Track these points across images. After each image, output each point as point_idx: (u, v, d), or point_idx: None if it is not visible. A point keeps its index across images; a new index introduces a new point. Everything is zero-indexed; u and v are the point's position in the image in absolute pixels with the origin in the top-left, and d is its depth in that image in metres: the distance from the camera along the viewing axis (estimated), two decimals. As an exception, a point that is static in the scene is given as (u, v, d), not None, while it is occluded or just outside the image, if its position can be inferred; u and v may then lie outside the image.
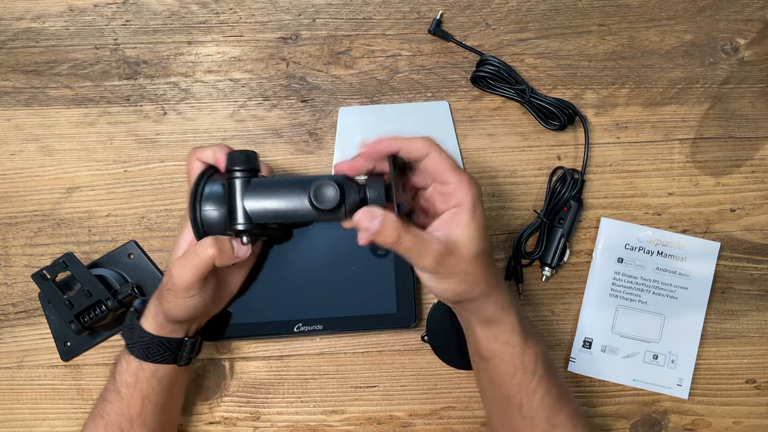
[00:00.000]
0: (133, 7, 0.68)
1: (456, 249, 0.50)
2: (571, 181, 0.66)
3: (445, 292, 0.52)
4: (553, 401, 0.54)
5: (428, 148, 0.51)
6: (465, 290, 0.51)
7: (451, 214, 0.51)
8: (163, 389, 0.57)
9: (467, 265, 0.50)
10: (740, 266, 0.67)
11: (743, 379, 0.66)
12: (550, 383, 0.54)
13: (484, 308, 0.53)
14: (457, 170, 0.51)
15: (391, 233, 0.48)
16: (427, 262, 0.49)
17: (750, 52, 0.69)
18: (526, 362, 0.53)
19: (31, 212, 0.67)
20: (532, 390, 0.53)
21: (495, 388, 0.55)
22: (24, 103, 0.68)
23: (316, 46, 0.68)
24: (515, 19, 0.69)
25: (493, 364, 0.54)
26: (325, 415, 0.66)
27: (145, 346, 0.56)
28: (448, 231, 0.50)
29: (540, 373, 0.54)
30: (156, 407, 0.57)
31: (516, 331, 0.53)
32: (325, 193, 0.51)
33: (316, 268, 0.64)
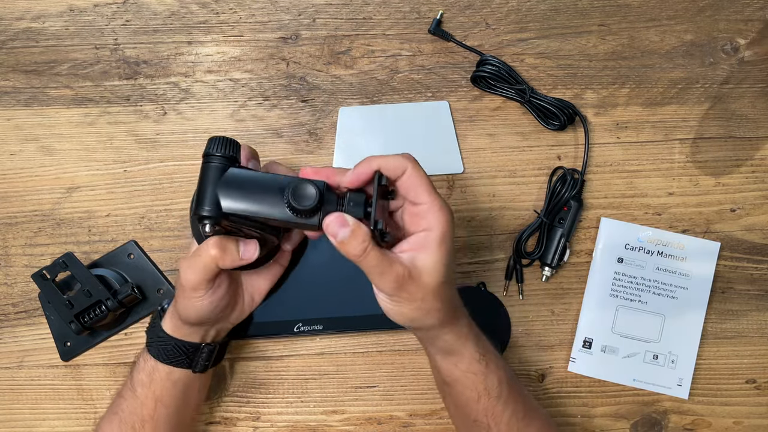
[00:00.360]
0: (133, 7, 0.68)
1: (417, 275, 0.48)
2: (571, 181, 0.66)
3: (398, 316, 0.50)
4: (520, 421, 0.54)
5: (406, 164, 0.49)
6: (418, 317, 0.50)
7: (420, 239, 0.49)
8: (177, 393, 0.56)
9: (425, 293, 0.48)
10: (740, 266, 0.67)
11: (743, 379, 0.66)
12: (516, 404, 0.54)
13: (439, 338, 0.52)
14: (431, 192, 0.49)
15: (358, 245, 0.46)
16: (387, 284, 0.48)
17: (750, 52, 0.69)
18: (489, 387, 0.53)
19: (31, 212, 0.67)
20: (499, 413, 0.53)
21: (461, 411, 0.55)
22: (24, 103, 0.68)
23: (316, 46, 0.68)
24: (515, 19, 0.69)
25: (457, 390, 0.54)
26: (325, 415, 0.66)
27: (162, 346, 0.55)
28: (413, 255, 0.49)
29: (504, 396, 0.53)
30: (168, 411, 0.56)
31: (475, 359, 0.52)
32: (305, 192, 0.47)
33: (316, 268, 0.64)
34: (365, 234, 0.47)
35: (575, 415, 0.66)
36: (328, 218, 0.47)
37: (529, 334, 0.66)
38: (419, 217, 0.49)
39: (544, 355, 0.66)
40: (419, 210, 0.49)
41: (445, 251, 0.49)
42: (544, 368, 0.66)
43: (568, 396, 0.66)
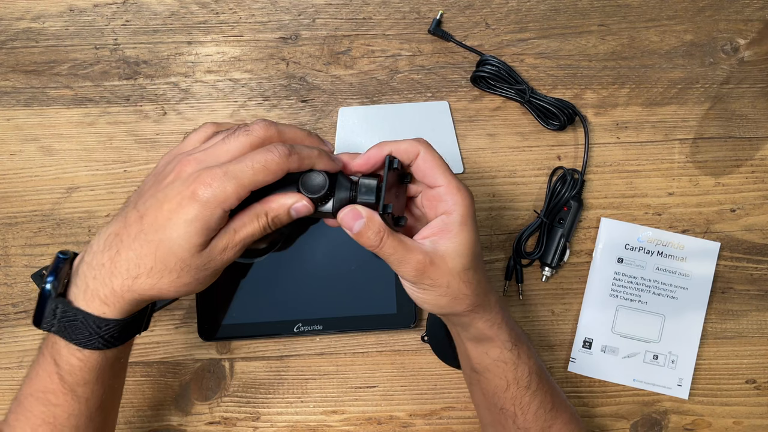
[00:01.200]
0: (133, 7, 0.68)
1: (440, 261, 0.48)
2: (571, 181, 0.66)
3: (425, 304, 0.50)
4: (548, 413, 0.54)
5: (417, 149, 0.49)
6: (447, 304, 0.49)
7: (440, 223, 0.48)
8: (121, 367, 0.51)
9: (450, 278, 0.48)
10: (740, 266, 0.67)
11: (743, 379, 0.66)
12: (545, 396, 0.54)
13: (471, 325, 0.51)
14: (447, 174, 0.49)
15: (374, 236, 0.46)
16: (407, 271, 0.47)
17: (750, 52, 0.69)
18: (519, 377, 0.52)
19: (31, 212, 0.67)
20: (527, 404, 0.53)
21: (488, 399, 0.55)
22: (24, 103, 0.68)
23: (316, 46, 0.68)
24: (515, 19, 0.69)
25: (486, 378, 0.53)
26: (325, 415, 0.66)
27: (108, 335, 0.47)
28: (435, 240, 0.48)
29: (534, 387, 0.53)
30: (114, 391, 0.51)
31: (507, 347, 0.52)
32: (314, 180, 0.48)
33: (316, 268, 0.64)
34: (379, 224, 0.47)
35: (575, 415, 0.66)
36: (342, 212, 0.47)
37: (529, 334, 0.66)
38: (437, 201, 0.49)
39: (544, 355, 0.66)
40: (436, 193, 0.49)
41: (468, 234, 0.48)
42: (544, 368, 0.66)
43: (568, 396, 0.66)
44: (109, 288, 0.46)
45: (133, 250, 0.46)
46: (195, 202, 0.44)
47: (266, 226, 0.47)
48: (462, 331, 0.53)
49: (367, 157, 0.49)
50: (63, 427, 0.48)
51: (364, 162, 0.49)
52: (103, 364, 0.48)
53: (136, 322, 0.49)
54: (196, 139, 0.51)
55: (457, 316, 0.51)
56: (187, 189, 0.45)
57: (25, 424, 0.48)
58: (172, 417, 0.65)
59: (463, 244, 0.48)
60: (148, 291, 0.46)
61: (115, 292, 0.46)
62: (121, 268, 0.46)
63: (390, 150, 0.48)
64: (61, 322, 0.46)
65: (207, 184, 0.44)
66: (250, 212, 0.47)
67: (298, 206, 0.48)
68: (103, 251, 0.47)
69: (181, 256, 0.45)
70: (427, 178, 0.49)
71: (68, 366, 0.47)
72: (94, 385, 0.48)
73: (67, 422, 0.48)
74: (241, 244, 0.47)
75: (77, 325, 0.46)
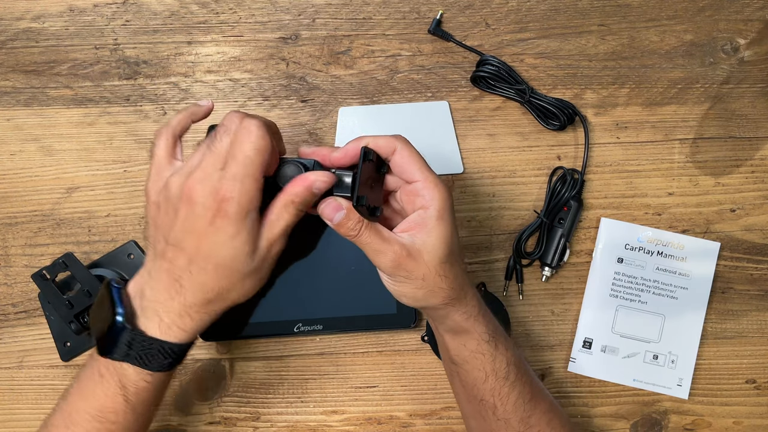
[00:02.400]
0: (133, 7, 0.68)
1: (416, 254, 0.48)
2: (571, 181, 0.66)
3: (402, 296, 0.51)
4: (527, 403, 0.54)
5: (394, 145, 0.50)
6: (423, 297, 0.50)
7: (417, 217, 0.49)
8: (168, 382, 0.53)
9: (426, 271, 0.49)
10: (740, 266, 0.67)
11: (743, 379, 0.66)
12: (524, 386, 0.54)
13: (448, 317, 0.52)
14: (424, 169, 0.50)
15: (353, 226, 0.48)
16: (384, 262, 0.48)
17: (750, 52, 0.69)
18: (497, 368, 0.53)
19: (31, 212, 0.67)
20: (506, 394, 0.53)
21: (468, 391, 0.55)
22: (24, 103, 0.68)
23: (316, 46, 0.68)
24: (515, 19, 0.69)
25: (464, 369, 0.54)
26: (325, 415, 0.66)
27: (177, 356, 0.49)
28: (412, 234, 0.49)
29: (512, 378, 0.53)
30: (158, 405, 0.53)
31: (484, 339, 0.52)
32: (286, 171, 0.50)
33: (316, 268, 0.64)
34: (358, 215, 0.48)
35: (575, 415, 0.66)
36: (323, 203, 0.49)
37: (529, 334, 0.66)
38: (414, 195, 0.50)
39: (544, 355, 0.66)
40: (414, 188, 0.50)
41: (445, 228, 0.49)
42: (544, 368, 0.66)
43: (568, 396, 0.66)
44: (187, 318, 0.49)
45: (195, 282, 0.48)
46: (227, 217, 0.46)
47: (299, 211, 0.50)
48: (440, 323, 0.53)
49: (345, 150, 0.50)
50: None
51: (343, 155, 0.50)
52: (167, 381, 0.52)
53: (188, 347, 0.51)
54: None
55: (433, 309, 0.51)
56: (212, 210, 0.46)
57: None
58: (172, 417, 0.65)
59: (439, 238, 0.49)
60: (223, 308, 0.50)
61: (194, 319, 0.49)
62: (191, 299, 0.48)
63: (367, 143, 0.50)
64: (136, 351, 0.48)
65: (228, 196, 0.46)
66: (278, 204, 0.49)
67: (318, 183, 0.49)
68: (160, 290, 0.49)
69: (241, 270, 0.48)
70: (405, 173, 0.50)
71: (135, 388, 0.49)
72: (153, 402, 0.51)
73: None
74: (283, 235, 0.50)
75: (153, 353, 0.48)
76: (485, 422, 0.55)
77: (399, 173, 0.51)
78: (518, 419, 0.54)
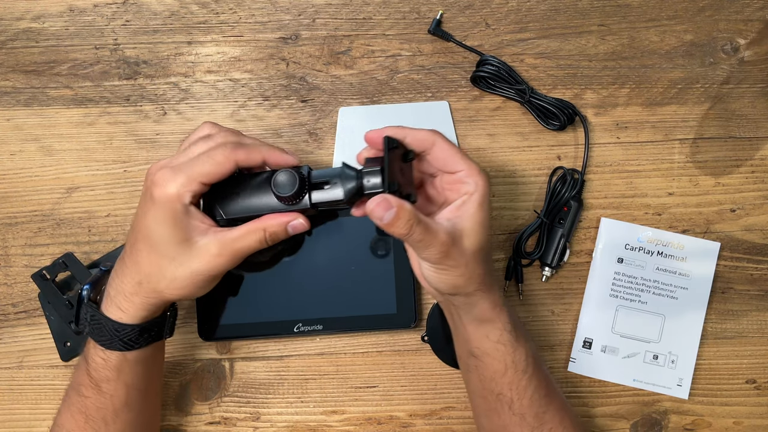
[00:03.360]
0: (133, 7, 0.68)
1: (459, 240, 0.49)
2: (571, 181, 0.66)
3: (442, 284, 0.51)
4: (542, 398, 0.54)
5: (433, 139, 0.52)
6: (463, 284, 0.51)
7: (461, 203, 0.51)
8: (147, 370, 0.55)
9: (468, 258, 0.50)
10: (740, 266, 0.67)
11: (743, 380, 0.66)
12: (540, 381, 0.54)
13: (477, 305, 0.52)
14: (466, 158, 0.51)
15: (404, 224, 0.47)
16: (433, 254, 0.49)
17: (750, 52, 0.69)
18: (517, 360, 0.53)
19: (31, 212, 0.67)
20: (523, 388, 0.54)
21: (485, 385, 0.55)
22: (24, 103, 0.68)
23: (316, 46, 0.68)
24: (515, 19, 0.69)
25: (484, 362, 0.54)
26: (325, 415, 0.66)
27: (126, 338, 0.52)
28: (454, 220, 0.50)
29: (530, 371, 0.54)
30: (140, 391, 0.55)
31: (507, 329, 0.53)
32: (283, 181, 0.51)
33: (316, 268, 0.64)
34: (409, 213, 0.48)
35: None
36: (371, 203, 0.48)
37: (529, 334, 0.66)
38: (458, 183, 0.51)
39: (544, 355, 0.66)
40: (458, 177, 0.51)
41: (485, 214, 0.51)
42: (544, 368, 0.66)
43: (568, 396, 0.66)
44: (122, 295, 0.52)
45: (132, 259, 0.51)
46: (155, 203, 0.49)
47: (263, 241, 0.52)
48: (465, 313, 0.53)
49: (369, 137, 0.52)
50: (93, 418, 0.53)
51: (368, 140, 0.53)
52: (124, 365, 0.53)
53: (154, 328, 0.53)
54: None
55: (466, 296, 0.52)
56: (147, 193, 0.50)
57: (67, 410, 0.55)
58: (172, 417, 0.65)
59: (480, 224, 0.50)
60: (151, 294, 0.51)
61: (127, 298, 0.51)
62: (127, 277, 0.51)
63: (405, 136, 0.52)
64: (90, 324, 0.52)
65: (160, 184, 0.49)
66: (249, 225, 0.52)
67: (294, 223, 0.52)
68: (115, 266, 0.53)
69: (168, 256, 0.50)
70: (448, 165, 0.52)
71: (94, 363, 0.53)
72: (116, 383, 0.53)
73: (96, 414, 0.53)
74: (236, 254, 0.51)
75: (102, 328, 0.52)
76: (499, 418, 0.55)
77: (441, 166, 0.52)
78: (533, 414, 0.54)
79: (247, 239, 0.51)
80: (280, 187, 0.51)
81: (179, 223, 0.50)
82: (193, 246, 0.50)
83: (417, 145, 0.52)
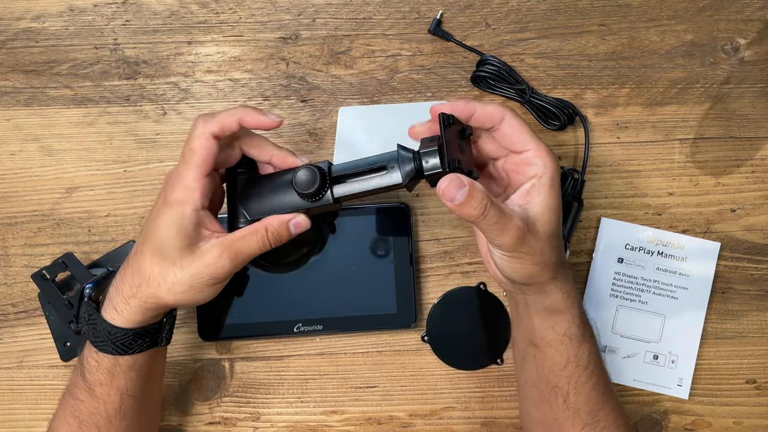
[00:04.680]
0: (133, 7, 0.68)
1: (533, 227, 0.47)
2: (572, 181, 0.66)
3: (516, 273, 0.49)
4: (600, 395, 0.53)
5: (503, 113, 0.49)
6: (537, 273, 0.48)
7: (530, 186, 0.48)
8: (142, 378, 0.53)
9: (543, 245, 0.47)
10: (740, 266, 0.67)
11: (743, 380, 0.66)
12: (599, 378, 0.53)
13: (549, 295, 0.50)
14: (535, 138, 0.49)
15: (478, 205, 0.44)
16: (507, 240, 0.46)
17: (750, 52, 0.69)
18: (580, 355, 0.51)
19: (30, 212, 0.67)
20: (582, 383, 0.52)
21: (541, 376, 0.53)
22: (24, 103, 0.68)
23: (316, 46, 0.68)
24: (515, 18, 0.69)
25: (545, 353, 0.52)
26: (325, 415, 0.66)
27: (119, 342, 0.50)
28: (525, 205, 0.47)
29: (591, 368, 0.52)
30: (135, 399, 0.53)
31: (576, 323, 0.51)
32: (302, 177, 0.50)
33: (315, 268, 0.64)
34: (482, 192, 0.45)
35: (575, 415, 0.66)
36: (443, 183, 0.45)
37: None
38: (526, 165, 0.49)
39: (544, 355, 0.66)
40: (525, 158, 0.49)
41: (557, 197, 0.48)
42: (544, 368, 0.66)
43: (568, 396, 0.66)
44: (120, 297, 0.50)
45: (136, 260, 0.50)
46: (166, 204, 0.49)
47: (265, 242, 0.50)
48: (534, 302, 0.51)
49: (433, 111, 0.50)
50: (86, 423, 0.52)
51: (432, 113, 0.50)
52: (116, 369, 0.51)
53: (149, 334, 0.52)
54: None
55: (539, 285, 0.50)
56: (160, 197, 0.50)
57: (61, 413, 0.53)
58: (172, 417, 0.65)
59: (552, 208, 0.48)
60: (150, 299, 0.50)
61: (124, 300, 0.50)
62: (127, 279, 0.50)
63: (474, 110, 0.49)
64: (88, 324, 0.51)
65: (170, 189, 0.49)
66: (250, 227, 0.51)
67: (296, 221, 0.51)
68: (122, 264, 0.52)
69: (170, 260, 0.49)
70: (515, 143, 0.49)
71: (88, 365, 0.52)
72: (109, 387, 0.51)
73: (89, 419, 0.52)
74: (238, 255, 0.50)
75: (97, 328, 0.51)
76: (551, 410, 0.53)
77: (508, 144, 0.49)
78: (588, 410, 0.52)
79: (249, 240, 0.50)
80: (300, 184, 0.50)
81: (187, 228, 0.49)
82: (196, 251, 0.49)
83: (486, 120, 0.49)
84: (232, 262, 0.50)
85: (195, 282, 0.50)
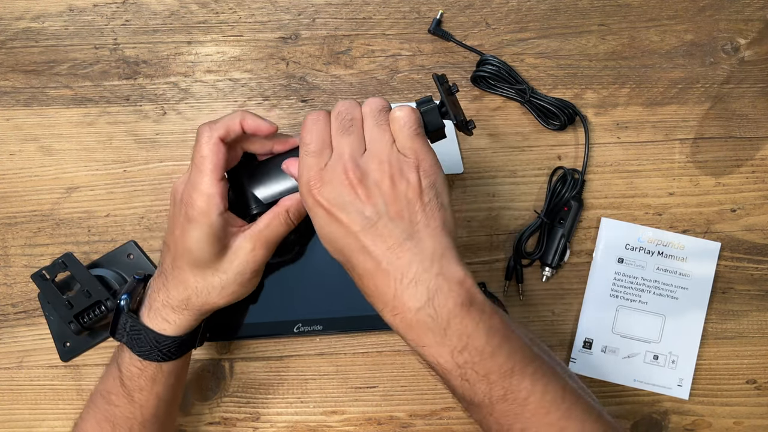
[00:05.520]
0: (133, 7, 0.68)
1: None
2: (572, 181, 0.66)
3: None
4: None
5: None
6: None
7: None
8: (176, 381, 0.56)
9: None
10: (741, 266, 0.67)
11: (743, 380, 0.66)
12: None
13: None
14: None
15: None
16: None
17: (750, 52, 0.69)
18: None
19: (30, 212, 0.67)
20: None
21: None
22: (23, 103, 0.68)
23: (316, 46, 0.68)
24: (515, 18, 0.69)
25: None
26: (324, 415, 0.66)
27: (165, 349, 0.53)
28: None
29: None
30: (167, 403, 0.55)
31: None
32: None
33: (316, 268, 0.64)
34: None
35: (575, 415, 0.66)
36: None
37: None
38: None
39: (544, 355, 0.66)
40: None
41: None
42: (544, 368, 0.66)
43: (568, 396, 0.66)
44: (170, 308, 0.53)
45: (176, 277, 0.53)
46: (190, 221, 0.50)
47: (288, 222, 0.53)
48: None
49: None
50: (120, 427, 0.54)
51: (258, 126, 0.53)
52: (159, 375, 0.54)
53: (191, 339, 0.55)
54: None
55: None
56: (182, 212, 0.51)
57: (92, 417, 0.54)
58: (172, 417, 0.65)
59: None
60: (205, 305, 0.53)
61: (176, 311, 0.53)
62: (173, 292, 0.53)
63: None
64: (129, 334, 0.53)
65: (190, 202, 0.50)
66: (270, 213, 0.53)
67: None
68: (156, 279, 0.54)
69: (211, 270, 0.52)
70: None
71: (128, 372, 0.53)
72: (149, 393, 0.53)
73: (124, 423, 0.54)
74: (268, 243, 0.53)
75: (141, 338, 0.53)
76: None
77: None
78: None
79: (273, 226, 0.53)
80: None
81: (217, 235, 0.51)
82: (230, 251, 0.52)
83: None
84: (266, 251, 0.53)
85: (240, 279, 0.53)
